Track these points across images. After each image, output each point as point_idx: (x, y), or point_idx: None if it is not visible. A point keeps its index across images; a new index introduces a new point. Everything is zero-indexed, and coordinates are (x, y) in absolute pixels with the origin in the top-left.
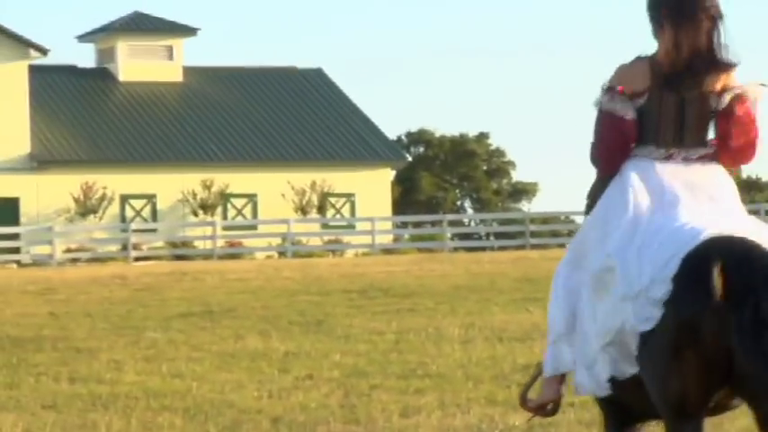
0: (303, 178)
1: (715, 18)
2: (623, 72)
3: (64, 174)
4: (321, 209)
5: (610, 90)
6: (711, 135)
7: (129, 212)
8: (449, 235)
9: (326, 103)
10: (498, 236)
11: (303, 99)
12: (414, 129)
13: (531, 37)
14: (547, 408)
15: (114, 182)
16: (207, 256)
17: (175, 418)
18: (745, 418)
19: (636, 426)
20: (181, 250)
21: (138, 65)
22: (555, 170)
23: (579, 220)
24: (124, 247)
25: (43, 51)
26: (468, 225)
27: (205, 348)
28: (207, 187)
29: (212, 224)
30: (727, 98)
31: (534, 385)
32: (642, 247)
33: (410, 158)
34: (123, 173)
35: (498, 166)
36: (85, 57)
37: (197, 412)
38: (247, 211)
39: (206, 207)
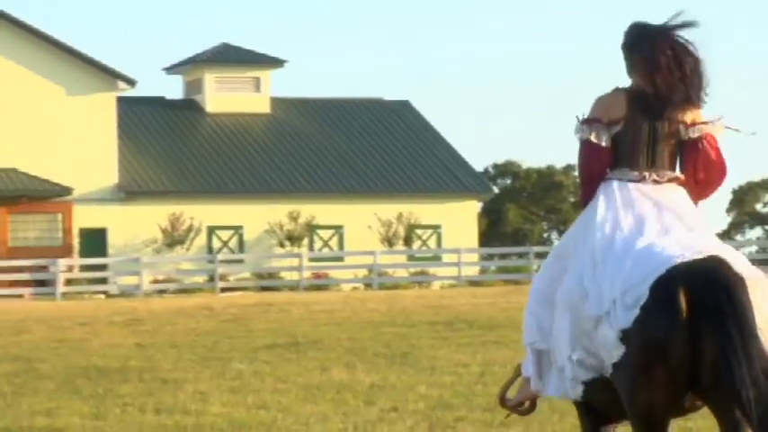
0: (389, 210)
1: (683, 59)
2: (602, 102)
3: (151, 205)
4: (407, 240)
5: (587, 121)
6: (678, 161)
7: (216, 243)
8: (535, 267)
9: (413, 134)
10: None
11: (390, 131)
12: (500, 161)
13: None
14: (524, 405)
15: (201, 213)
16: (293, 287)
17: None
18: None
19: (610, 426)
20: (267, 281)
21: (226, 96)
22: None
23: None
24: (211, 279)
25: (131, 83)
26: None
27: (290, 380)
28: (294, 218)
29: (299, 255)
30: (695, 133)
31: (514, 384)
32: (614, 267)
33: (497, 190)
34: (210, 204)
35: None
36: (173, 88)
37: None
38: (334, 242)
39: (293, 238)
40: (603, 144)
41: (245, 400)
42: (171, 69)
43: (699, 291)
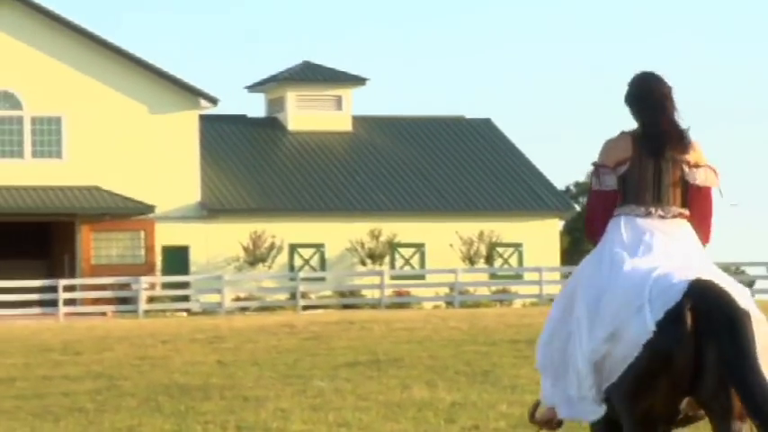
0: (471, 228)
1: (668, 103)
2: (609, 146)
3: (233, 222)
4: (489, 259)
5: (595, 168)
6: (683, 201)
7: (298, 261)
8: None
9: (495, 152)
10: None
11: (471, 149)
12: (582, 179)
13: (705, 90)
14: (554, 422)
15: (283, 231)
16: (374, 305)
17: None
18: None
19: None
20: (348, 299)
21: (307, 114)
22: (725, 221)
23: (750, 270)
24: (292, 296)
25: (213, 101)
26: None
27: (372, 398)
28: (375, 237)
29: (380, 273)
30: (700, 176)
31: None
32: (624, 293)
33: (579, 209)
34: (292, 222)
35: None
36: (255, 106)
37: None
38: (415, 260)
39: (374, 256)
40: (609, 189)
41: (326, 418)
42: (253, 87)
43: (702, 311)
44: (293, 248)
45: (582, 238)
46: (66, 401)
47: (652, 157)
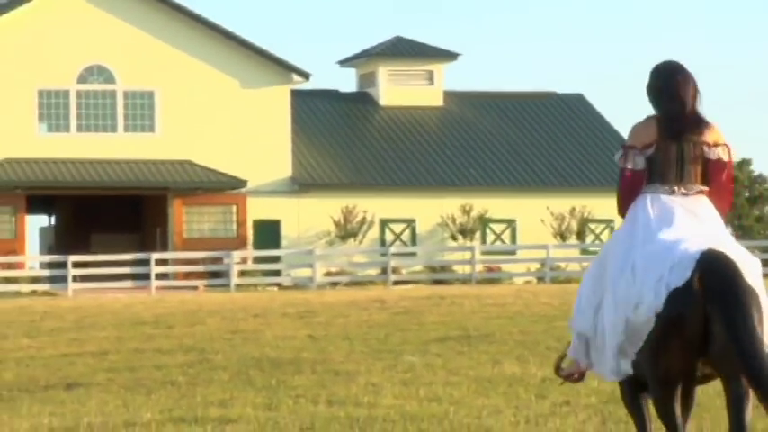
0: (562, 204)
1: (688, 90)
2: (637, 130)
3: (324, 197)
4: (580, 235)
5: (624, 149)
6: (704, 179)
7: (389, 236)
8: None
9: (587, 128)
10: (763, 263)
11: (563, 124)
12: None
13: None
14: (574, 376)
15: (374, 205)
16: (465, 280)
17: None
18: None
19: (646, 393)
20: (439, 274)
21: (399, 90)
22: None
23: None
24: (383, 271)
25: (305, 76)
26: None
27: (462, 373)
28: (466, 212)
29: (471, 249)
30: (717, 153)
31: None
32: (650, 263)
33: None
34: (383, 197)
35: (760, 192)
36: (347, 81)
37: None
38: (506, 236)
39: (465, 232)
40: (638, 168)
41: (417, 393)
42: (345, 63)
43: (709, 280)
44: (384, 223)
45: None
46: (158, 374)
47: (674, 140)
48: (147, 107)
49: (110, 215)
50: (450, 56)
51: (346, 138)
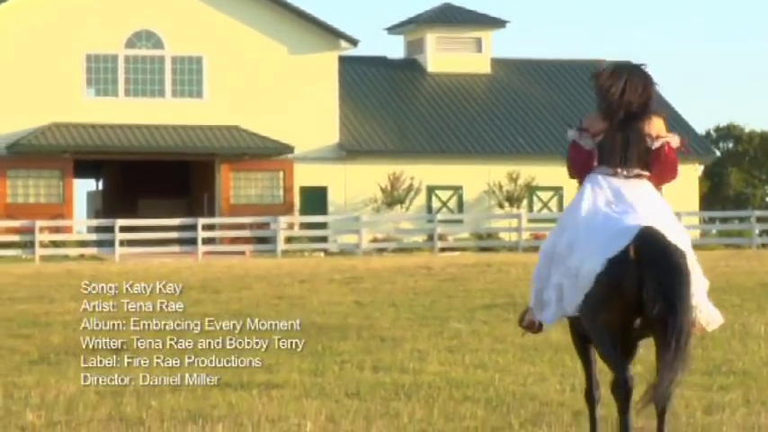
0: None
1: (637, 85)
2: (591, 118)
3: (371, 164)
4: None
5: (579, 130)
6: (645, 164)
7: (436, 203)
8: (757, 231)
9: None
10: None
11: None
12: (723, 124)
13: None
14: (534, 328)
15: (421, 172)
16: (512, 248)
17: (477, 409)
18: None
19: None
20: (486, 242)
21: (447, 57)
22: None
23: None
24: (430, 238)
25: (353, 42)
26: None
27: (508, 340)
28: (513, 180)
29: (518, 216)
30: (659, 143)
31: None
32: (592, 233)
33: (719, 154)
34: (430, 164)
35: None
36: (395, 48)
37: (499, 404)
38: (553, 203)
39: (512, 199)
40: (586, 147)
41: (462, 360)
42: (393, 29)
43: (644, 251)
44: (431, 190)
45: (721, 182)
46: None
47: (620, 130)
48: (196, 72)
49: (157, 180)
50: (498, 23)
51: (393, 104)
